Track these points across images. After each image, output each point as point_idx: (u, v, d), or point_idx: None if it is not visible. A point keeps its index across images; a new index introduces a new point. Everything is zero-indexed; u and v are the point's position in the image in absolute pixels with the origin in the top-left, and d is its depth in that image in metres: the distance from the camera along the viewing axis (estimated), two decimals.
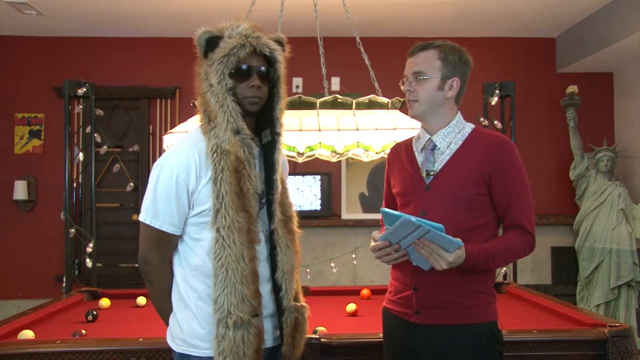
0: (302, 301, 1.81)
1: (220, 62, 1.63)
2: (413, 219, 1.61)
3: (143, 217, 1.69)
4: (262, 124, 1.75)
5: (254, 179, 1.65)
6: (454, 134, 1.89)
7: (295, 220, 1.81)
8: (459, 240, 1.67)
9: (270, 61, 1.70)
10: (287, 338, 1.74)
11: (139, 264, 1.74)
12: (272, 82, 1.73)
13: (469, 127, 1.92)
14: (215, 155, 1.62)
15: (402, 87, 1.93)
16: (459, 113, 1.94)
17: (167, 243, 1.70)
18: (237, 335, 1.58)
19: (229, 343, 1.58)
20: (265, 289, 1.72)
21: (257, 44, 1.66)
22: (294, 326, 1.75)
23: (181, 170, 1.64)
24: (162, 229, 1.67)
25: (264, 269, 1.71)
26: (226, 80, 1.63)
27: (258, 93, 1.68)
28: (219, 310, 1.60)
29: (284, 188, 1.80)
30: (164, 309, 1.76)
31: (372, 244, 1.79)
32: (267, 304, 1.73)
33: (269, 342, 1.74)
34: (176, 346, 1.71)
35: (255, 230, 1.65)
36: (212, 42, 1.64)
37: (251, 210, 1.64)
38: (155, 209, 1.67)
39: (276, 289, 1.74)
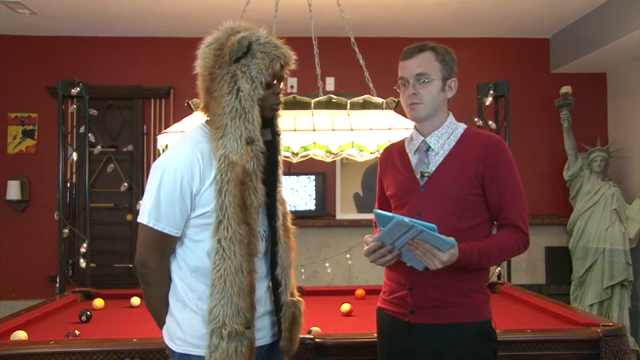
0: (297, 296, 1.84)
1: (259, 72, 1.63)
2: (406, 219, 1.62)
3: (145, 219, 1.65)
4: (262, 123, 1.74)
5: (260, 192, 1.65)
6: (447, 135, 1.90)
7: (289, 217, 1.83)
8: (452, 239, 1.68)
9: None
10: (285, 333, 1.77)
11: (136, 267, 1.71)
12: None
13: (461, 127, 1.93)
14: (222, 166, 1.60)
15: (398, 91, 1.93)
16: (451, 114, 1.95)
17: (168, 245, 1.69)
18: (231, 347, 1.58)
19: (222, 354, 1.58)
20: (263, 286, 1.74)
21: (289, 58, 1.70)
22: (292, 321, 1.78)
23: (185, 172, 1.62)
24: (165, 231, 1.65)
25: (261, 267, 1.73)
26: (259, 90, 1.63)
27: (280, 99, 1.73)
28: (213, 320, 1.60)
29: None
30: (159, 311, 1.75)
31: (365, 247, 1.79)
32: (265, 302, 1.74)
33: (266, 340, 1.75)
34: (176, 346, 1.70)
35: (255, 243, 1.65)
36: (249, 48, 1.63)
37: (252, 223, 1.63)
38: (159, 212, 1.64)
39: (275, 285, 1.76)
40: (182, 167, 1.63)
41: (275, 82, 1.69)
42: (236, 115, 1.61)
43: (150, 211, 1.65)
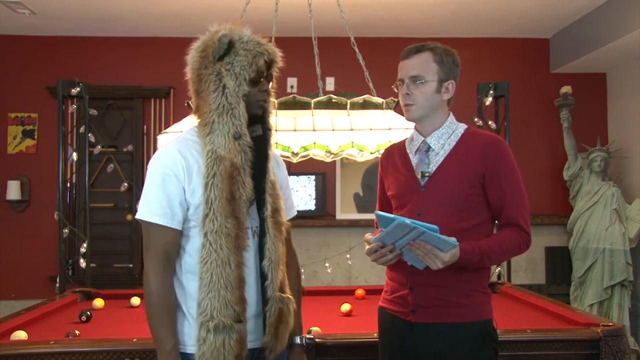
0: (288, 294, 1.78)
1: (242, 68, 1.65)
2: (407, 221, 1.62)
3: (142, 216, 1.68)
4: (252, 119, 1.75)
5: (248, 186, 1.66)
6: (447, 135, 1.90)
7: (283, 213, 1.81)
8: (453, 239, 1.68)
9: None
10: (270, 328, 1.71)
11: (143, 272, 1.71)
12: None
13: (462, 127, 1.93)
14: (209, 160, 1.63)
15: (396, 90, 1.93)
16: (451, 114, 1.95)
17: (172, 246, 1.68)
18: (218, 340, 1.58)
19: (210, 347, 1.58)
20: (255, 285, 1.72)
21: (273, 54, 1.71)
22: (278, 317, 1.72)
23: (175, 170, 1.65)
24: (171, 226, 1.66)
25: (252, 263, 1.71)
26: (243, 86, 1.65)
27: (266, 96, 1.74)
28: (202, 313, 1.60)
29: (272, 181, 1.78)
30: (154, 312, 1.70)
31: (367, 247, 1.79)
32: (257, 303, 1.72)
33: (258, 343, 1.73)
34: None
35: (243, 237, 1.65)
36: (231, 46, 1.66)
37: (241, 217, 1.64)
38: (150, 206, 1.67)
39: (262, 277, 1.72)
40: (171, 165, 1.65)
41: (262, 79, 1.70)
42: (223, 111, 1.64)
43: (147, 208, 1.67)
